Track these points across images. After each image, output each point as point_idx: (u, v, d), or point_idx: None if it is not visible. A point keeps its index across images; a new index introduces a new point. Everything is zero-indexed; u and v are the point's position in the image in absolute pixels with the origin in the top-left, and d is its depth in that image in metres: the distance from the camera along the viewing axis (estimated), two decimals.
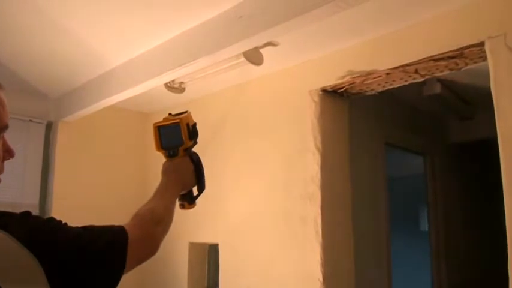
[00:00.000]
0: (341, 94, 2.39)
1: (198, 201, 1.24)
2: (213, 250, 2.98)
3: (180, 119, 1.20)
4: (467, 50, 1.84)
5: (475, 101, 3.40)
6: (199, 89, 2.79)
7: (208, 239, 2.83)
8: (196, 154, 1.23)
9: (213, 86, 2.76)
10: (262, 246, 2.51)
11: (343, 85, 2.28)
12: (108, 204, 3.11)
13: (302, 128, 2.38)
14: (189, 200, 1.22)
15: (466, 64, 1.95)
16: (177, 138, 1.20)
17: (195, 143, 1.23)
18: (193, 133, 1.20)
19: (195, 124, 1.22)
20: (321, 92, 2.36)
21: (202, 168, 1.23)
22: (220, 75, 2.47)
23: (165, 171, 1.20)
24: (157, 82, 2.32)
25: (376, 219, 2.91)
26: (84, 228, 0.91)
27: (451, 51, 1.87)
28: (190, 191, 1.22)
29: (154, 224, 1.02)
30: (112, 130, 3.35)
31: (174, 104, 3.20)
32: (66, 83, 2.86)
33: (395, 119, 3.21)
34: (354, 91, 2.35)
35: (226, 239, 2.71)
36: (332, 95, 2.39)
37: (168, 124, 1.22)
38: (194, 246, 2.95)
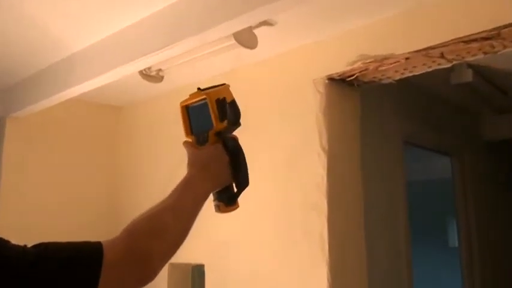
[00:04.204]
0: (351, 83, 2.40)
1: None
2: (197, 272, 2.99)
3: (208, 94, 1.15)
4: (505, 30, 1.84)
5: None
6: (181, 77, 2.80)
7: (192, 258, 2.83)
8: (233, 140, 1.18)
9: (197, 74, 2.77)
10: (256, 268, 2.52)
11: (353, 72, 2.29)
12: (67, 209, 3.19)
13: (305, 124, 2.40)
14: (226, 200, 1.16)
15: (504, 47, 1.95)
16: (206, 119, 1.14)
17: (234, 125, 1.18)
18: (225, 112, 1.15)
19: (232, 101, 1.17)
20: (327, 81, 2.37)
21: (243, 158, 1.18)
22: (206, 61, 2.48)
23: (191, 163, 1.13)
24: (129, 69, 2.32)
25: (394, 233, 2.92)
26: (36, 246, 0.85)
27: (485, 31, 1.87)
28: (228, 188, 1.17)
29: (151, 237, 0.94)
30: (75, 127, 3.36)
31: (151, 95, 3.21)
32: (16, 72, 2.84)
33: (416, 113, 3.23)
34: (366, 79, 2.36)
35: (214, 259, 2.71)
36: (340, 84, 2.40)
37: (195, 102, 1.18)
38: (175, 268, 2.95)
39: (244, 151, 1.20)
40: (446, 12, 2.00)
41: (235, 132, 1.22)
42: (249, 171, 1.20)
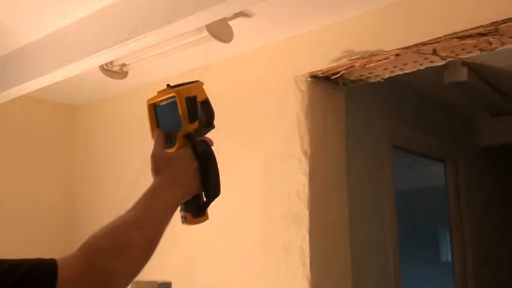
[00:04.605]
0: (336, 81, 2.40)
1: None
2: None
3: (177, 91, 1.14)
4: (503, 25, 1.86)
5: None
6: (148, 73, 2.78)
7: (158, 276, 2.80)
8: (204, 144, 1.16)
9: (165, 70, 2.75)
10: (229, 285, 2.51)
11: (338, 70, 2.30)
12: (14, 220, 3.14)
13: (284, 126, 2.39)
14: (193, 211, 1.15)
15: (502, 43, 1.97)
16: (175, 120, 1.14)
17: (205, 127, 1.18)
18: (196, 113, 1.15)
19: (204, 100, 1.17)
20: (309, 79, 2.37)
21: (214, 164, 1.17)
22: (176, 56, 2.47)
23: (156, 168, 1.12)
24: (88, 64, 2.29)
25: (382, 246, 2.94)
26: None
27: (482, 26, 1.89)
28: (197, 198, 1.16)
29: (113, 255, 0.93)
30: (26, 128, 3.31)
31: (113, 93, 3.18)
32: None
33: (406, 115, 3.26)
34: (352, 78, 2.37)
35: (182, 276, 2.69)
36: (324, 82, 2.41)
37: (164, 100, 1.17)
38: (139, 287, 2.91)
39: (216, 156, 1.18)
40: (439, 5, 2.02)
41: (208, 135, 1.20)
42: (221, 179, 1.19)
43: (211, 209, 1.19)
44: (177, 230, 1.19)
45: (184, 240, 2.63)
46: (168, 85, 1.18)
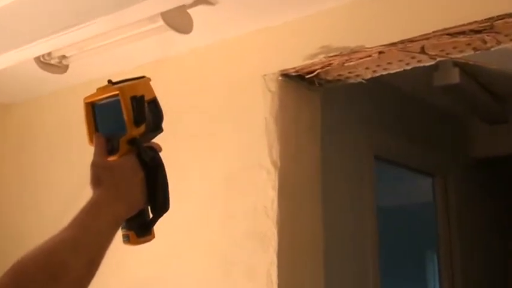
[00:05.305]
0: (311, 81, 2.42)
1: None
2: None
3: (121, 89, 1.13)
4: (500, 22, 1.89)
5: (510, 96, 3.54)
6: (91, 68, 2.76)
7: None
8: (152, 150, 1.16)
9: (112, 65, 2.74)
10: None
11: (314, 68, 2.31)
12: None
13: (251, 132, 2.40)
14: (137, 229, 1.15)
15: (498, 42, 2.01)
16: (117, 122, 1.13)
17: (153, 131, 1.18)
18: (143, 114, 1.14)
19: (153, 100, 1.17)
20: (280, 78, 2.38)
21: (162, 175, 1.16)
22: (125, 48, 2.46)
23: (95, 179, 1.11)
24: (22, 55, 2.28)
25: (362, 272, 2.96)
26: None
27: (476, 22, 1.92)
28: (142, 213, 1.16)
29: (46, 282, 0.92)
30: None
31: (51, 90, 3.15)
32: None
33: (390, 122, 3.30)
34: (330, 77, 2.39)
35: None
36: (297, 82, 2.43)
37: (104, 99, 1.16)
38: None
39: (166, 165, 1.18)
40: None
41: (157, 140, 1.21)
42: (173, 192, 1.19)
43: (162, 227, 1.19)
44: (122, 251, 1.18)
45: (131, 263, 2.61)
46: (109, 81, 1.17)
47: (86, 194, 1.11)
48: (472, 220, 3.88)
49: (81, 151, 1.24)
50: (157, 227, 1.27)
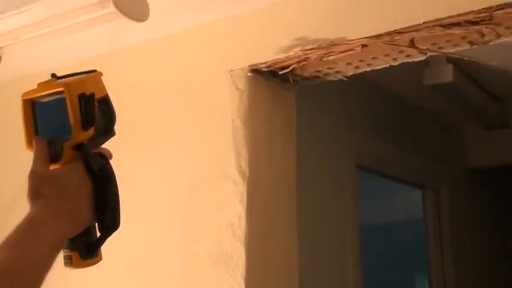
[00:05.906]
0: (285, 78, 2.43)
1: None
2: None
3: (67, 85, 1.12)
4: (501, 12, 1.91)
5: (510, 98, 3.58)
6: (29, 60, 2.76)
7: None
8: (101, 158, 1.16)
9: (54, 57, 2.73)
10: None
11: (288, 63, 2.32)
12: None
13: (215, 136, 2.40)
14: (82, 250, 1.14)
15: (498, 35, 2.03)
16: (61, 124, 1.12)
17: (103, 134, 1.18)
18: (92, 115, 1.13)
19: (104, 98, 1.17)
20: (250, 74, 2.38)
21: (113, 187, 1.16)
22: (70, 39, 2.44)
23: (34, 191, 1.10)
24: None
25: None
26: None
27: (472, 12, 1.94)
28: (88, 232, 1.15)
29: None
30: None
31: None
32: None
33: (375, 126, 3.31)
34: (306, 74, 2.39)
35: None
36: (270, 79, 2.43)
37: (47, 96, 1.15)
38: None
39: (117, 176, 1.17)
40: None
41: (107, 146, 1.19)
42: (124, 206, 1.18)
43: (114, 248, 1.17)
44: (64, 276, 1.16)
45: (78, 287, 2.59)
46: (53, 75, 1.16)
47: (22, 207, 1.09)
48: (467, 237, 3.90)
49: (19, 157, 1.21)
50: (105, 248, 1.27)
